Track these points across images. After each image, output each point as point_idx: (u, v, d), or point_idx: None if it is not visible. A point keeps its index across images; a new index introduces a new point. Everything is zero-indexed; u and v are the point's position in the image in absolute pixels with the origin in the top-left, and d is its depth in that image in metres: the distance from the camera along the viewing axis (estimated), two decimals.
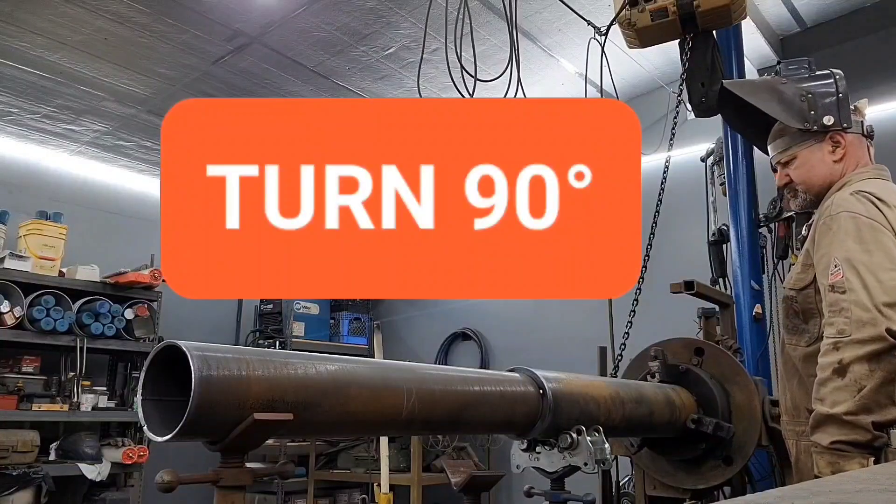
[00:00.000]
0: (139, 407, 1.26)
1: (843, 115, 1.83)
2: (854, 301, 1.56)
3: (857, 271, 1.59)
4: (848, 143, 1.85)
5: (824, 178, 1.85)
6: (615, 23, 2.90)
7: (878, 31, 4.31)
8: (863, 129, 1.90)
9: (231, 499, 1.28)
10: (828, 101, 1.84)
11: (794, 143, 1.87)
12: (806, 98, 1.84)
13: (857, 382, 1.52)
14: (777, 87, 1.89)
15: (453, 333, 6.05)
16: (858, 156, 1.87)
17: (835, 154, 1.84)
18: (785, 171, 1.92)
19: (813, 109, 1.83)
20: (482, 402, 1.76)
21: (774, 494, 0.89)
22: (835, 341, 1.56)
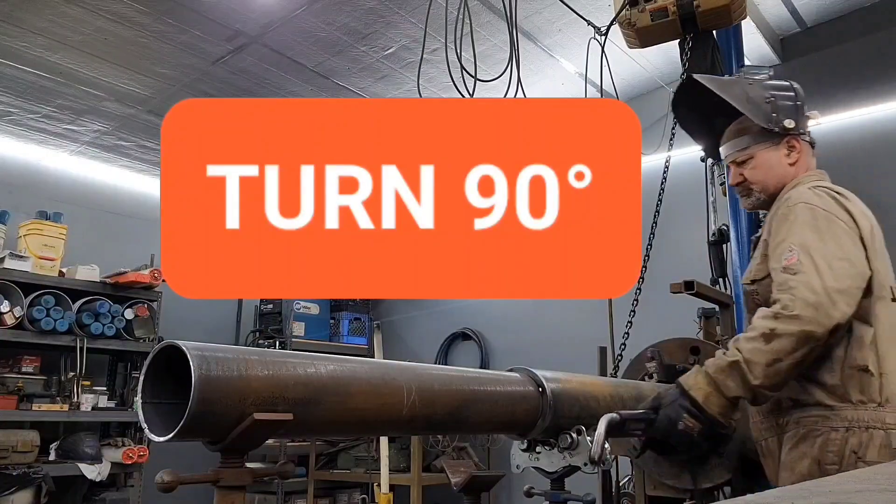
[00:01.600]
0: (139, 409, 1.27)
1: (801, 122, 1.92)
2: (803, 282, 1.60)
3: (812, 256, 1.64)
4: (802, 148, 1.93)
5: (779, 180, 1.92)
6: (615, 23, 2.90)
7: (878, 31, 4.31)
8: (811, 137, 1.99)
9: (231, 499, 1.28)
10: (789, 106, 1.91)
11: (752, 142, 1.93)
12: (770, 101, 1.90)
13: (777, 353, 1.58)
14: (743, 87, 1.95)
15: (453, 333, 6.05)
16: (808, 162, 1.96)
17: (790, 157, 1.92)
18: (740, 170, 1.97)
19: (776, 112, 1.89)
20: (482, 402, 1.76)
21: (774, 494, 0.89)
22: (775, 312, 1.60)
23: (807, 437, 1.70)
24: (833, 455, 1.64)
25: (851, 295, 1.62)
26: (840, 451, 1.64)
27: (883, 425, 1.62)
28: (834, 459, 1.64)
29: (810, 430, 1.70)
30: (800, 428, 1.72)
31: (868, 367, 1.65)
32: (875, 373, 1.66)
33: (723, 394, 1.63)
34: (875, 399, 1.65)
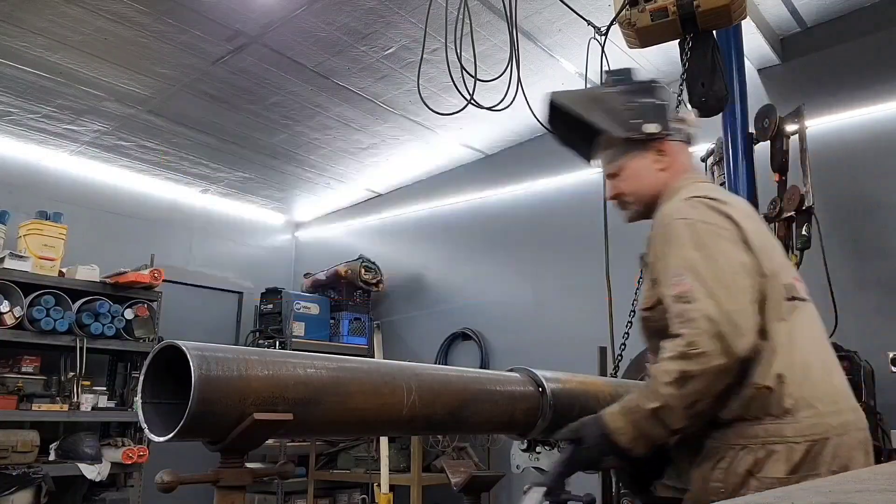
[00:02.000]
0: (139, 409, 1.27)
1: (665, 124, 1.80)
2: (702, 311, 1.49)
3: (702, 280, 1.52)
4: (672, 151, 1.81)
5: (652, 188, 1.81)
6: (615, 23, 2.90)
7: (878, 31, 4.31)
8: (684, 136, 1.86)
9: (231, 499, 1.28)
10: (651, 109, 1.80)
11: (620, 153, 1.83)
12: (630, 107, 1.79)
13: (693, 396, 1.49)
14: (602, 97, 1.85)
15: (453, 333, 6.05)
16: (683, 163, 1.84)
17: (660, 163, 1.80)
18: (613, 182, 1.87)
19: (638, 118, 1.78)
20: (482, 402, 1.76)
21: (774, 494, 0.89)
22: (682, 351, 1.49)
23: (708, 457, 1.60)
24: (720, 473, 1.55)
25: (752, 312, 1.52)
26: (731, 470, 1.54)
27: (782, 439, 1.51)
28: (719, 477, 1.55)
29: (712, 450, 1.59)
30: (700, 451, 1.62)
31: (764, 382, 1.54)
32: (773, 384, 1.53)
33: (648, 439, 1.55)
34: (773, 412, 1.53)
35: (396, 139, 5.74)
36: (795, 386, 1.54)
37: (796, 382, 1.54)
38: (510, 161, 5.94)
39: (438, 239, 6.45)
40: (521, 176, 5.84)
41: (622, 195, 1.87)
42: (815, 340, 1.66)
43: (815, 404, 1.53)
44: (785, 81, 4.61)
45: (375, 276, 6.47)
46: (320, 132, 5.57)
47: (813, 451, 1.50)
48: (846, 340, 3.47)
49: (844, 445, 1.54)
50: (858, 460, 1.57)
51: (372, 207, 6.98)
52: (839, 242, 4.08)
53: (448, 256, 6.35)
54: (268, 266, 7.13)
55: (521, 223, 5.83)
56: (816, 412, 1.53)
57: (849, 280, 3.96)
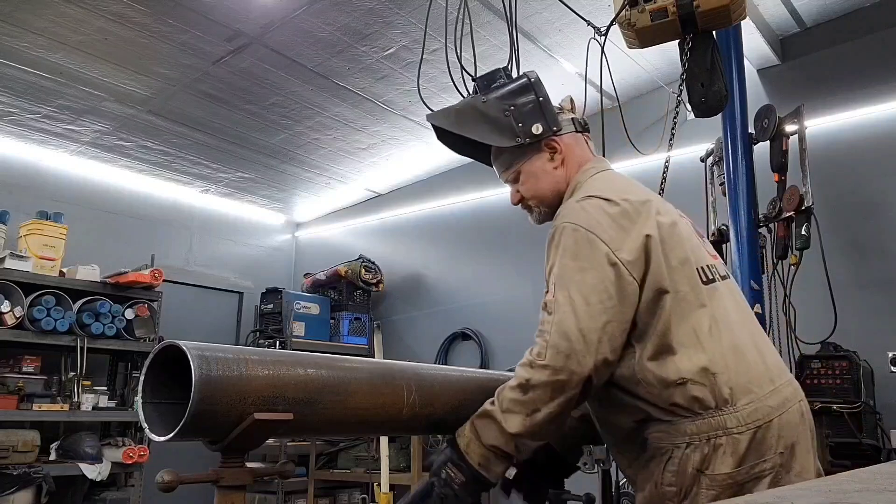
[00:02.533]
0: (140, 409, 1.27)
1: (550, 120, 1.72)
2: (557, 324, 1.48)
3: (568, 292, 1.49)
4: (565, 145, 1.75)
5: (552, 188, 1.75)
6: (615, 23, 2.90)
7: (878, 31, 4.31)
8: (576, 125, 1.79)
9: (231, 498, 1.29)
10: (531, 108, 1.72)
11: (513, 159, 1.78)
12: (510, 111, 1.72)
13: (534, 403, 1.46)
14: (479, 108, 1.76)
15: (453, 333, 6.05)
16: (578, 155, 1.77)
17: (554, 161, 1.74)
18: (515, 187, 1.83)
19: (520, 122, 1.71)
20: (482, 401, 1.76)
21: (774, 494, 0.89)
22: (530, 360, 1.49)
23: (653, 457, 1.54)
24: (671, 475, 1.49)
25: (611, 334, 1.47)
26: (680, 471, 1.48)
27: (725, 431, 1.46)
28: (671, 480, 1.49)
29: (656, 449, 1.53)
30: (646, 452, 1.56)
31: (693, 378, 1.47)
32: (704, 379, 1.48)
33: (482, 442, 1.50)
34: (710, 405, 1.47)
35: (396, 139, 5.74)
36: (730, 374, 1.48)
37: (730, 369, 1.49)
38: None
39: (438, 239, 6.46)
40: None
41: (524, 200, 1.82)
42: (741, 321, 1.59)
43: (752, 389, 1.49)
44: (784, 82, 4.61)
45: (375, 276, 6.47)
46: (320, 132, 5.57)
47: (757, 437, 1.46)
48: (846, 340, 3.47)
49: (787, 423, 1.50)
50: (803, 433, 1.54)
51: (372, 207, 6.98)
52: (839, 242, 4.08)
53: (448, 256, 6.35)
54: (268, 266, 7.14)
55: (522, 223, 5.77)
56: (755, 396, 1.48)
57: (849, 280, 3.97)
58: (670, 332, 1.51)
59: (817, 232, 3.55)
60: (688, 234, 1.64)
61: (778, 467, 1.46)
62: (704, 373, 1.48)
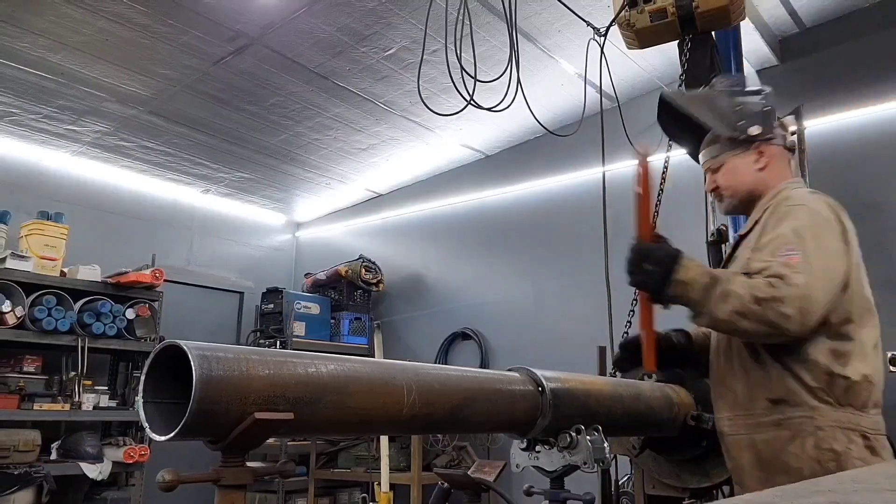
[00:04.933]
0: (140, 409, 1.27)
1: (770, 128, 1.96)
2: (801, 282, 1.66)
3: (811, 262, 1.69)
4: (771, 154, 1.98)
5: (749, 185, 1.99)
6: (614, 24, 2.91)
7: (877, 31, 4.31)
8: (786, 143, 2.03)
9: (232, 498, 1.29)
10: (756, 113, 1.95)
11: (723, 150, 2.01)
12: (737, 110, 1.96)
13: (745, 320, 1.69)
14: (711, 99, 2.04)
15: (453, 333, 6.06)
16: (781, 167, 2.00)
17: (759, 163, 1.97)
18: (713, 176, 2.05)
19: (742, 120, 1.95)
20: (482, 401, 1.77)
21: (774, 494, 0.90)
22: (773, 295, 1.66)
23: (794, 437, 1.76)
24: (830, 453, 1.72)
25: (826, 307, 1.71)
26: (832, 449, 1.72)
27: (858, 428, 1.73)
28: (832, 458, 1.71)
29: (798, 431, 1.76)
30: (782, 430, 1.79)
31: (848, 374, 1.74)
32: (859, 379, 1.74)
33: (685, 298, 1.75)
34: (854, 403, 1.74)
35: (396, 140, 5.75)
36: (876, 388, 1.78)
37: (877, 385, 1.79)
38: (510, 161, 5.94)
39: (438, 239, 6.46)
40: (521, 176, 5.85)
41: (719, 189, 2.04)
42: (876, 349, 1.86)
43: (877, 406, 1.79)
44: (784, 82, 4.62)
45: (375, 276, 6.47)
46: (321, 133, 5.58)
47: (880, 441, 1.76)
48: None
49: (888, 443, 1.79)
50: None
51: (372, 207, 6.99)
52: None
53: (448, 256, 6.36)
54: (268, 266, 7.14)
55: (521, 223, 5.84)
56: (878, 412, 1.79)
57: None
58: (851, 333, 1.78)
59: None
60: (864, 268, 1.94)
61: None
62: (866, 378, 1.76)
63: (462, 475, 2.11)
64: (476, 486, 2.05)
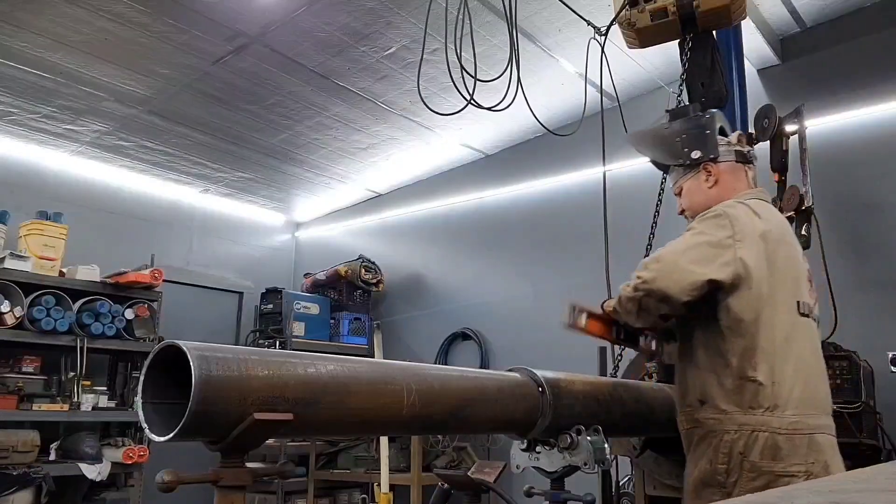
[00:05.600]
0: (140, 409, 1.27)
1: (710, 149, 2.14)
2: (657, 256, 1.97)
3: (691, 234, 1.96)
4: (720, 171, 2.15)
5: (703, 203, 2.13)
6: (615, 23, 2.90)
7: (878, 31, 4.31)
8: (738, 156, 2.18)
9: (231, 498, 1.29)
10: (698, 138, 2.16)
11: (678, 177, 2.22)
12: (681, 138, 2.18)
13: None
14: (660, 134, 2.28)
15: (453, 333, 6.05)
16: (733, 181, 2.15)
17: (708, 182, 2.15)
18: (679, 200, 2.26)
19: (686, 147, 2.16)
20: (482, 402, 1.76)
21: (775, 494, 0.89)
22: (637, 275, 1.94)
23: (706, 437, 1.94)
24: (724, 456, 1.87)
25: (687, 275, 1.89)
26: (729, 453, 1.86)
27: (768, 428, 1.85)
28: (724, 461, 1.87)
29: (709, 432, 1.93)
30: (700, 428, 1.96)
31: (758, 378, 1.87)
32: (767, 383, 1.87)
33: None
34: (763, 405, 1.86)
35: (396, 139, 5.74)
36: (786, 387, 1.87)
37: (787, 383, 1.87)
38: (510, 161, 5.94)
39: (438, 239, 6.45)
40: (521, 176, 5.84)
41: (684, 210, 2.24)
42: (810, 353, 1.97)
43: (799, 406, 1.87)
44: (784, 81, 4.61)
45: (375, 276, 6.47)
46: (320, 132, 5.57)
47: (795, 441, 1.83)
48: (846, 340, 3.47)
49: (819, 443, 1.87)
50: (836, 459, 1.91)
51: (372, 207, 6.98)
52: (839, 242, 4.08)
53: (448, 256, 6.35)
54: (268, 266, 7.13)
55: (521, 223, 5.83)
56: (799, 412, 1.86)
57: (849, 280, 3.96)
58: (759, 335, 1.89)
59: (817, 232, 3.54)
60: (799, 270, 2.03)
61: (811, 475, 1.81)
62: (773, 377, 1.87)
63: (462, 476, 2.10)
64: (476, 487, 2.04)
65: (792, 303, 1.95)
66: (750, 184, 2.19)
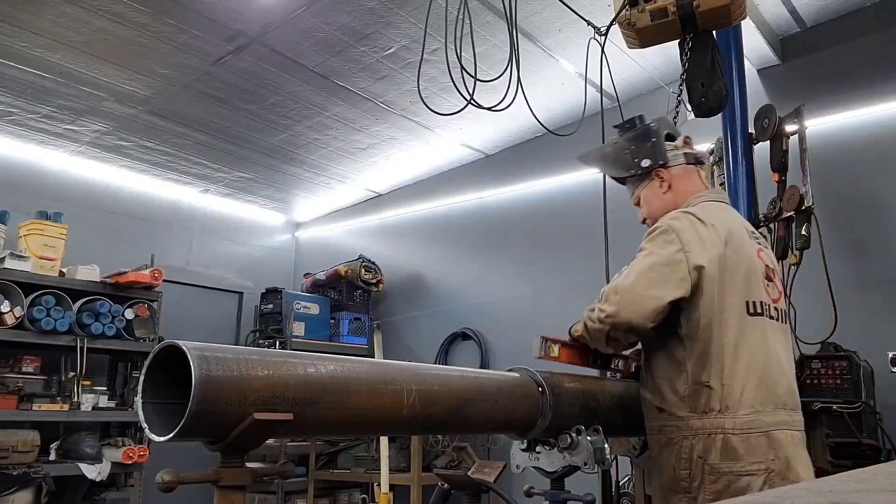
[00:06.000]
0: (140, 409, 1.27)
1: (659, 156, 2.19)
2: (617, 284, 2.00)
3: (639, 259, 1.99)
4: (672, 176, 2.20)
5: (661, 208, 2.18)
6: (615, 23, 2.89)
7: (878, 31, 4.31)
8: (688, 158, 2.23)
9: (231, 498, 1.29)
10: (646, 147, 2.21)
11: (634, 187, 2.27)
12: (629, 150, 2.23)
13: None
14: (608, 150, 2.33)
15: (453, 333, 6.05)
16: (687, 183, 2.20)
17: (662, 187, 2.20)
18: (640, 210, 2.30)
19: (636, 157, 2.21)
20: (482, 402, 1.76)
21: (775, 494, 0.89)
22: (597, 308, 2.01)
23: (667, 444, 1.97)
24: (685, 462, 1.91)
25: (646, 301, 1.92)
26: (689, 458, 1.90)
27: (722, 430, 1.87)
28: (685, 466, 1.91)
29: (669, 439, 1.96)
30: (662, 436, 2.00)
31: (709, 382, 1.90)
32: (716, 385, 1.90)
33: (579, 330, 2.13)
34: (715, 408, 1.89)
35: (396, 139, 5.74)
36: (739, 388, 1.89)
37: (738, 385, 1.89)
38: (510, 161, 5.93)
39: (438, 239, 6.45)
40: (521, 176, 5.84)
41: (645, 219, 2.27)
42: (766, 353, 1.97)
43: (755, 406, 1.89)
44: (784, 81, 4.61)
45: (375, 276, 6.46)
46: (320, 132, 5.57)
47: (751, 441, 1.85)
48: (846, 340, 3.47)
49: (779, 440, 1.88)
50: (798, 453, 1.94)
51: (372, 207, 6.98)
52: (839, 242, 4.07)
53: (448, 256, 6.35)
54: (268, 266, 7.13)
55: (521, 223, 5.82)
56: (754, 411, 1.88)
57: (849, 280, 3.96)
58: (712, 340, 1.92)
59: (817, 232, 3.54)
60: (749, 269, 2.02)
61: (772, 472, 1.84)
62: (723, 380, 1.90)
63: (462, 476, 2.10)
64: (476, 487, 2.04)
65: (741, 304, 1.96)
66: (704, 184, 2.25)
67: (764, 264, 2.08)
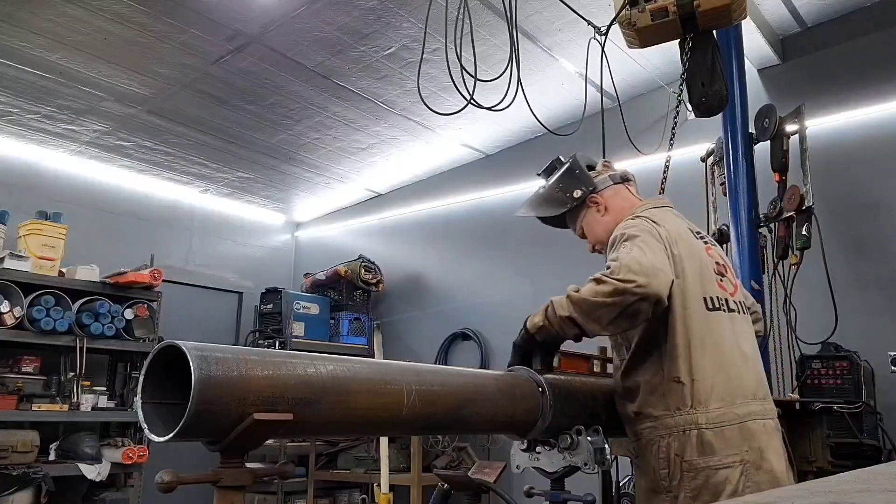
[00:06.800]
0: (139, 409, 1.26)
1: (588, 183, 2.26)
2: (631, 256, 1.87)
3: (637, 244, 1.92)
4: (605, 198, 2.26)
5: (604, 231, 2.20)
6: (615, 23, 2.89)
7: (878, 31, 4.31)
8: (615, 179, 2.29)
9: (231, 499, 1.28)
10: (573, 180, 2.28)
11: (574, 220, 2.33)
12: (559, 188, 2.31)
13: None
14: (540, 194, 2.41)
15: (453, 333, 6.05)
16: (621, 201, 2.25)
17: (600, 211, 2.26)
18: (585, 239, 2.34)
19: (567, 192, 2.28)
20: (482, 402, 1.76)
21: (775, 494, 0.89)
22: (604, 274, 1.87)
23: (646, 447, 1.97)
24: (663, 461, 1.91)
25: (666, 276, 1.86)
26: (667, 457, 1.90)
27: (696, 426, 1.88)
28: (664, 465, 1.91)
29: (647, 441, 1.97)
30: (641, 439, 2.00)
31: (680, 378, 1.91)
32: (686, 381, 1.91)
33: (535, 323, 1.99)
34: (687, 404, 1.90)
35: (396, 139, 5.74)
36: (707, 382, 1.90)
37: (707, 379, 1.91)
38: (510, 161, 5.93)
39: (438, 239, 6.45)
40: (521, 176, 5.84)
41: (593, 247, 2.32)
42: (732, 346, 1.99)
43: (724, 398, 1.90)
44: (785, 81, 4.61)
45: (375, 276, 6.46)
46: (320, 132, 5.57)
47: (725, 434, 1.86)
48: (846, 340, 3.47)
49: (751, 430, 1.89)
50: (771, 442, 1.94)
51: (372, 207, 6.98)
52: (839, 242, 4.08)
53: (448, 256, 6.35)
54: (268, 266, 7.13)
55: (521, 223, 5.79)
56: (725, 404, 1.89)
57: (849, 280, 3.96)
58: (678, 336, 1.93)
59: (818, 232, 3.55)
60: (706, 268, 2.05)
61: (747, 462, 1.85)
62: (692, 375, 1.91)
63: (462, 476, 2.10)
64: (476, 488, 2.04)
65: (700, 299, 1.98)
66: (637, 197, 2.30)
67: (714, 261, 2.11)
